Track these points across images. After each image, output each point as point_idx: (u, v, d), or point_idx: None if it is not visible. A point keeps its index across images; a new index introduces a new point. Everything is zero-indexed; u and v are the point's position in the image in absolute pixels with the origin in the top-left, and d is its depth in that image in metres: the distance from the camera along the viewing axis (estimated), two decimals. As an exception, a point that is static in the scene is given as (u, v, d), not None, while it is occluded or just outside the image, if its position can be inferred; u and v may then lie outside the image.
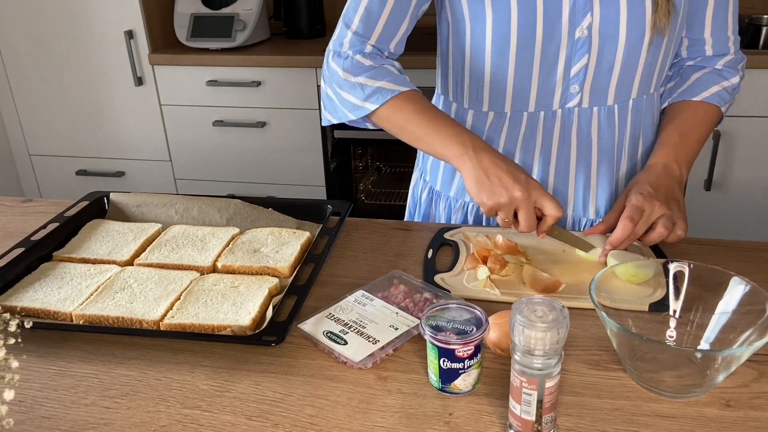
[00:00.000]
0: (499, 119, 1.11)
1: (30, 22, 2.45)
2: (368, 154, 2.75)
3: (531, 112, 1.08)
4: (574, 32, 1.01)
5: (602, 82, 1.05)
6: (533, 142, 1.10)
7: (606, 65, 1.03)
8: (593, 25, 1.01)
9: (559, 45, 1.02)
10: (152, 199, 1.20)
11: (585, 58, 1.03)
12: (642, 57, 1.03)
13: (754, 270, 0.98)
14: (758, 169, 2.16)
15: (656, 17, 1.00)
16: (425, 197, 1.26)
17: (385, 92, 1.02)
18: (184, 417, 0.75)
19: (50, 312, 0.92)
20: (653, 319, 0.84)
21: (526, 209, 0.94)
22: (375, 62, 1.04)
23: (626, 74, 1.05)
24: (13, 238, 1.15)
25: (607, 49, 1.02)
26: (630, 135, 1.11)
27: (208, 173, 2.57)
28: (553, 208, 0.94)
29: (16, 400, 0.78)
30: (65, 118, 2.59)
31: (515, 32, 1.01)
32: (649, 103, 1.11)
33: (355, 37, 1.05)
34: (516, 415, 0.68)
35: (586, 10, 1.00)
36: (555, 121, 1.08)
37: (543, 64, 1.04)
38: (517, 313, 0.65)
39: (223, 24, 2.38)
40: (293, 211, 1.17)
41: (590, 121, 1.08)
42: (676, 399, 0.75)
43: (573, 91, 1.06)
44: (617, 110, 1.08)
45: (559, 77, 1.05)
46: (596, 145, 1.10)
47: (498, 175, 0.95)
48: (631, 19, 1.00)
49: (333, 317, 0.88)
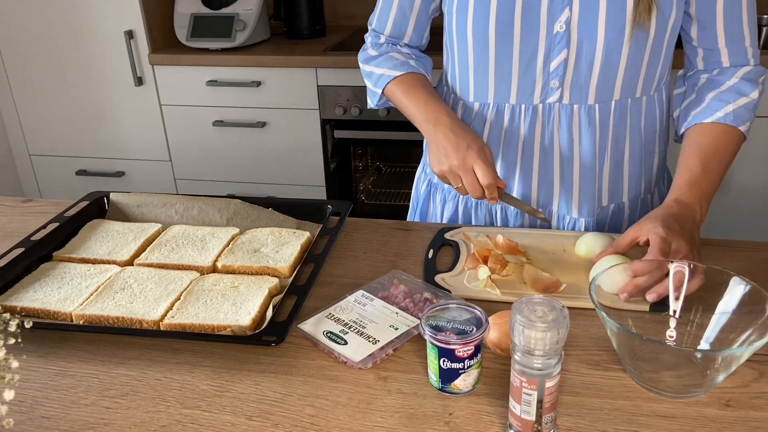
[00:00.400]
0: (483, 110, 1.13)
1: (30, 22, 2.45)
2: (368, 154, 2.74)
3: (513, 104, 1.09)
4: (552, 26, 1.02)
5: (582, 80, 1.05)
6: (516, 135, 1.11)
7: (585, 62, 1.03)
8: (572, 20, 1.01)
9: (537, 38, 1.03)
10: (152, 199, 1.20)
11: (564, 53, 1.03)
12: (623, 55, 1.02)
13: (754, 270, 0.98)
14: (758, 169, 2.16)
15: (637, 12, 0.98)
16: (424, 189, 1.29)
17: (384, 77, 1.16)
18: (184, 417, 0.75)
19: (50, 312, 0.92)
20: (653, 319, 0.84)
21: (464, 175, 1.02)
22: (380, 51, 1.19)
23: (607, 72, 1.04)
24: (13, 238, 1.15)
25: (586, 45, 1.02)
26: (612, 137, 1.10)
27: (208, 173, 2.57)
28: (483, 175, 1.01)
29: (16, 400, 0.78)
30: (65, 118, 2.59)
31: (494, 22, 1.03)
32: (635, 106, 1.09)
33: (372, 32, 1.22)
34: (516, 415, 0.68)
35: (564, 4, 1.00)
36: (536, 116, 1.09)
37: (522, 57, 1.05)
38: (517, 313, 0.65)
39: (223, 24, 2.38)
40: (293, 211, 1.17)
41: (570, 118, 1.08)
42: (676, 399, 0.75)
43: (553, 87, 1.06)
44: (598, 110, 1.07)
45: (538, 71, 1.05)
46: (577, 143, 1.10)
47: (443, 145, 1.04)
48: (610, 14, 0.99)
49: (333, 317, 0.88)
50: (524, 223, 1.18)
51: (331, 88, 2.31)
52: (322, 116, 2.37)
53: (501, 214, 1.19)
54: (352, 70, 2.25)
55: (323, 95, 2.33)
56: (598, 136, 1.09)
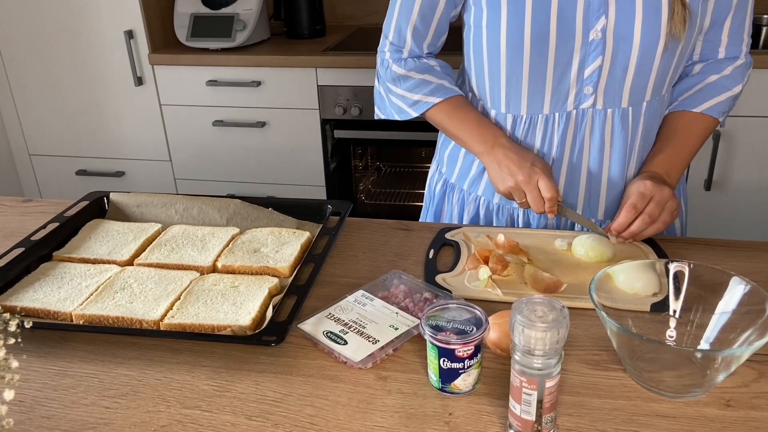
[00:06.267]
0: (516, 121, 1.13)
1: (30, 22, 2.44)
2: (368, 154, 2.74)
3: (546, 114, 1.10)
4: (588, 34, 1.02)
5: (616, 85, 1.05)
6: (549, 143, 1.12)
7: (620, 68, 1.04)
8: (607, 28, 1.01)
9: (573, 47, 1.03)
10: (152, 199, 1.20)
11: (599, 60, 1.03)
12: (656, 61, 1.03)
13: (754, 270, 0.98)
14: (758, 169, 2.16)
15: (672, 24, 1.00)
16: (439, 189, 1.29)
17: (423, 104, 1.17)
18: (184, 417, 0.75)
19: (50, 312, 0.92)
20: (653, 319, 0.84)
21: (529, 191, 1.06)
22: (410, 69, 1.17)
23: (640, 77, 1.05)
24: (13, 238, 1.15)
25: (621, 52, 1.02)
26: (641, 136, 1.12)
27: (208, 173, 2.57)
28: (547, 189, 1.04)
29: (16, 400, 0.78)
30: (65, 118, 2.59)
31: (529, 34, 1.02)
32: (660, 104, 1.12)
33: (391, 46, 1.18)
34: (516, 415, 0.68)
35: (600, 12, 1.00)
36: (569, 122, 1.09)
37: (557, 66, 1.05)
38: (517, 313, 0.65)
39: (223, 24, 2.38)
40: (293, 211, 1.17)
41: (604, 122, 1.09)
42: (676, 399, 0.75)
43: (587, 93, 1.06)
44: (631, 112, 1.08)
45: (573, 79, 1.05)
46: (609, 146, 1.10)
47: (507, 164, 1.08)
48: (646, 24, 1.00)
49: (333, 317, 0.88)
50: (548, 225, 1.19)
51: (331, 88, 2.31)
52: (322, 116, 2.37)
53: (523, 218, 1.19)
54: (352, 70, 2.25)
55: (323, 95, 2.33)
56: (629, 137, 1.10)
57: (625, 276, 0.85)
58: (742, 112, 2.08)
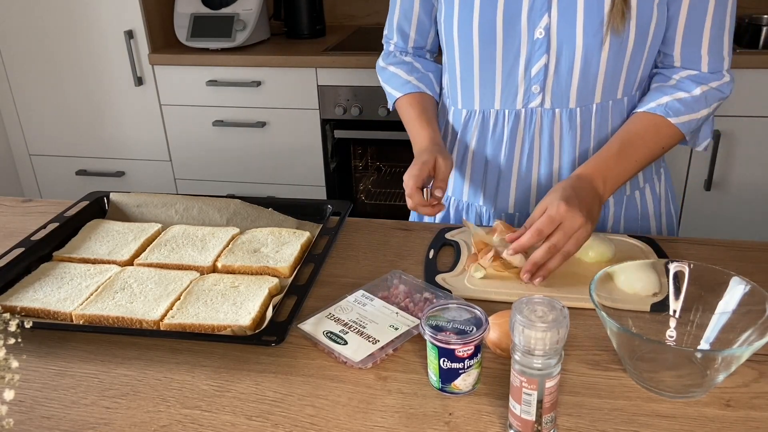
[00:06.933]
0: (470, 117, 1.15)
1: (30, 22, 2.45)
2: (368, 154, 2.74)
3: (497, 109, 1.11)
4: (533, 32, 1.03)
5: (563, 84, 1.05)
6: (500, 140, 1.13)
7: (565, 67, 1.04)
8: (551, 26, 1.02)
9: (519, 44, 1.04)
10: (152, 199, 1.20)
11: (544, 58, 1.04)
12: (602, 60, 1.02)
13: (754, 270, 0.98)
14: (758, 169, 2.16)
15: (610, 17, 0.99)
16: None
17: (391, 97, 1.24)
18: (184, 417, 0.75)
19: (50, 312, 0.92)
20: (653, 319, 0.84)
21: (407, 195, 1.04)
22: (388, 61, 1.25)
23: (587, 77, 1.04)
24: (13, 238, 1.15)
25: (566, 51, 1.03)
26: (594, 139, 1.10)
27: (208, 173, 2.57)
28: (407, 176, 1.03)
29: (16, 400, 0.78)
30: (65, 118, 2.59)
31: (477, 29, 1.05)
32: (617, 108, 1.08)
33: (384, 38, 1.28)
34: (516, 415, 0.68)
35: (543, 11, 1.01)
36: (519, 121, 1.10)
37: (505, 63, 1.06)
38: (517, 313, 0.65)
39: (223, 24, 2.38)
40: (293, 211, 1.17)
41: (552, 122, 1.09)
42: (676, 399, 0.75)
43: (534, 91, 1.07)
44: (579, 113, 1.08)
45: (520, 77, 1.07)
46: (558, 147, 1.10)
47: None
48: (587, 22, 1.00)
49: (333, 317, 0.88)
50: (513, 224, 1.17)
51: (331, 88, 2.31)
52: (322, 116, 2.37)
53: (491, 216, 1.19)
54: (352, 70, 2.25)
55: (323, 95, 2.33)
56: (579, 140, 1.09)
57: (625, 276, 0.85)
58: (742, 112, 2.08)
